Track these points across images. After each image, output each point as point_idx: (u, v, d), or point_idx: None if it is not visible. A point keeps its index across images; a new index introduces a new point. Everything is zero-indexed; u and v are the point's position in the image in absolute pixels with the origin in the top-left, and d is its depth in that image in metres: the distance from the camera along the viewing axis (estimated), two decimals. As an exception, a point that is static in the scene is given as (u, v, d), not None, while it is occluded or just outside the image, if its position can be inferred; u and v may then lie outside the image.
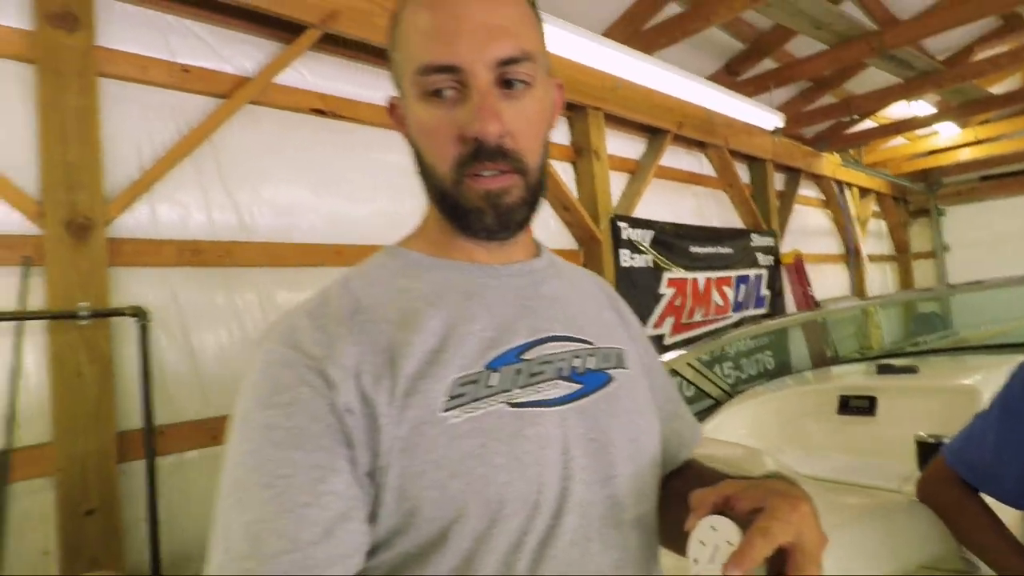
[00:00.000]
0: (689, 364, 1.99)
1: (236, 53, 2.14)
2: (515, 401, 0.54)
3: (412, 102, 0.56)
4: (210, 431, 1.93)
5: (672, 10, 3.10)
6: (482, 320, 0.57)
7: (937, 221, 7.47)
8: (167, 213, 1.94)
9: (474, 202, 0.56)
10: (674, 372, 1.94)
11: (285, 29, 2.18)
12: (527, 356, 0.57)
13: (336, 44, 2.33)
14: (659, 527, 0.63)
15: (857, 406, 1.77)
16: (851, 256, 6.06)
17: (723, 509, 0.47)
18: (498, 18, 0.54)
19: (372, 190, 2.44)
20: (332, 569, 0.46)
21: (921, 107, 4.95)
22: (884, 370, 1.93)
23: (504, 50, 0.53)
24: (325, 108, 2.33)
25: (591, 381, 0.60)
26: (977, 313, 5.54)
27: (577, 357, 0.60)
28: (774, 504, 0.46)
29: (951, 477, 0.98)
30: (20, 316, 1.60)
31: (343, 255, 2.30)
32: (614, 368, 0.63)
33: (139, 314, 1.73)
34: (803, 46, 3.83)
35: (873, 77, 4.43)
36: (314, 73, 2.32)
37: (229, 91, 2.07)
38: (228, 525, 0.47)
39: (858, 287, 6.05)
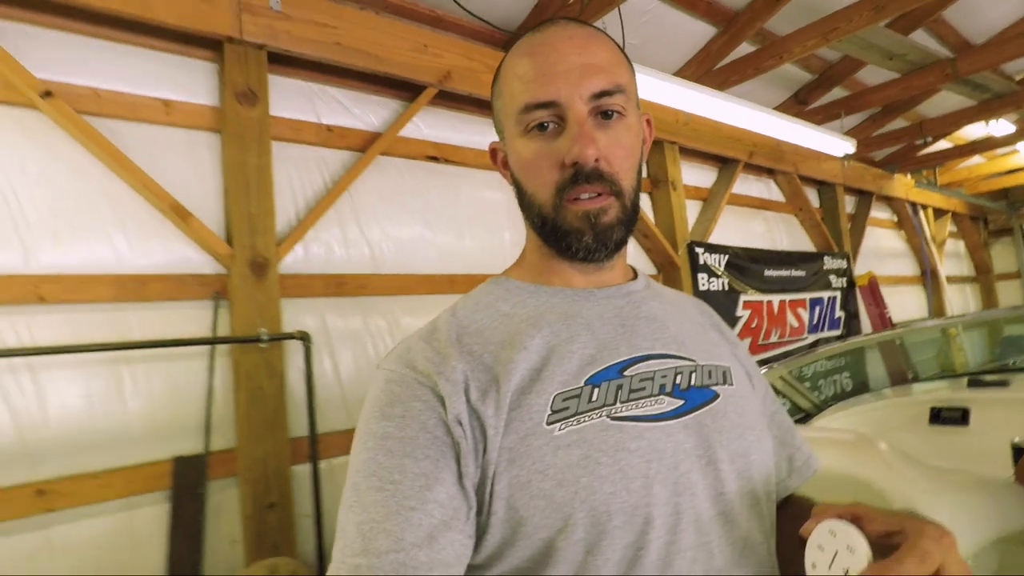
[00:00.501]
0: (781, 377, 2.15)
1: (366, 111, 2.49)
2: (616, 415, 0.55)
3: (514, 139, 0.62)
4: (351, 440, 2.22)
5: (744, 49, 3.30)
6: (582, 339, 0.60)
7: (1020, 240, 7.21)
8: (315, 251, 2.27)
9: (573, 223, 0.60)
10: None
11: (405, 88, 2.52)
12: (628, 372, 0.58)
13: (446, 99, 2.65)
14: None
15: (949, 417, 1.88)
16: (927, 277, 5.96)
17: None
18: (590, 57, 0.60)
19: (476, 225, 2.74)
20: (432, 573, 0.49)
21: (999, 126, 4.91)
22: (975, 384, 2.03)
23: (598, 84, 0.59)
24: (438, 155, 2.65)
25: (695, 397, 0.60)
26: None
27: (679, 374, 0.60)
28: (919, 530, 0.44)
29: None
30: (217, 341, 1.94)
31: (455, 283, 2.59)
32: (720, 385, 0.63)
33: (304, 338, 2.05)
34: (874, 74, 3.93)
35: (947, 99, 4.46)
36: (428, 125, 2.65)
37: (362, 145, 2.42)
38: (345, 525, 0.52)
39: (936, 309, 5.93)
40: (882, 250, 5.56)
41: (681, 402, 0.59)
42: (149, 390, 1.88)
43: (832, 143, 4.09)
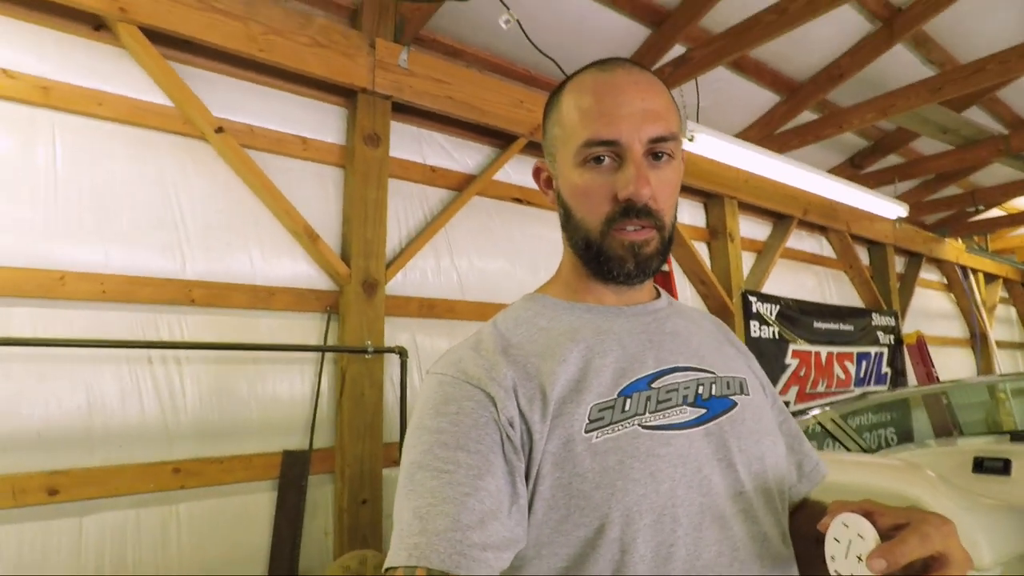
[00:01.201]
0: (832, 420, 2.30)
1: (464, 156, 2.79)
2: (647, 424, 0.60)
3: (570, 168, 0.66)
4: (432, 449, 2.45)
5: (807, 116, 3.53)
6: (614, 353, 0.64)
7: (1072, 310, 7.13)
8: (412, 276, 2.54)
9: (618, 251, 0.65)
10: (820, 425, 2.27)
11: (498, 137, 2.81)
12: (655, 384, 0.63)
13: (534, 148, 2.94)
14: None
15: (992, 467, 2.01)
16: (977, 340, 5.96)
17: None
18: (651, 104, 0.65)
19: (551, 261, 2.96)
20: (484, 553, 0.52)
21: (1052, 198, 4.99)
22: (1017, 438, 2.15)
23: (656, 130, 0.64)
24: (522, 198, 2.92)
25: (716, 406, 0.65)
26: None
27: (701, 385, 0.66)
28: (922, 518, 0.49)
29: None
30: (329, 349, 2.21)
31: (529, 315, 2.82)
32: (737, 395, 0.68)
33: (402, 352, 2.30)
34: (928, 144, 4.10)
35: (1000, 170, 4.59)
36: (515, 170, 2.94)
37: (458, 184, 2.71)
38: (401, 512, 0.55)
39: (985, 371, 5.91)
40: (931, 311, 5.62)
41: (704, 411, 0.64)
42: (268, 389, 2.14)
43: (884, 206, 4.24)
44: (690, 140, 2.88)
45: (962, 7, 2.80)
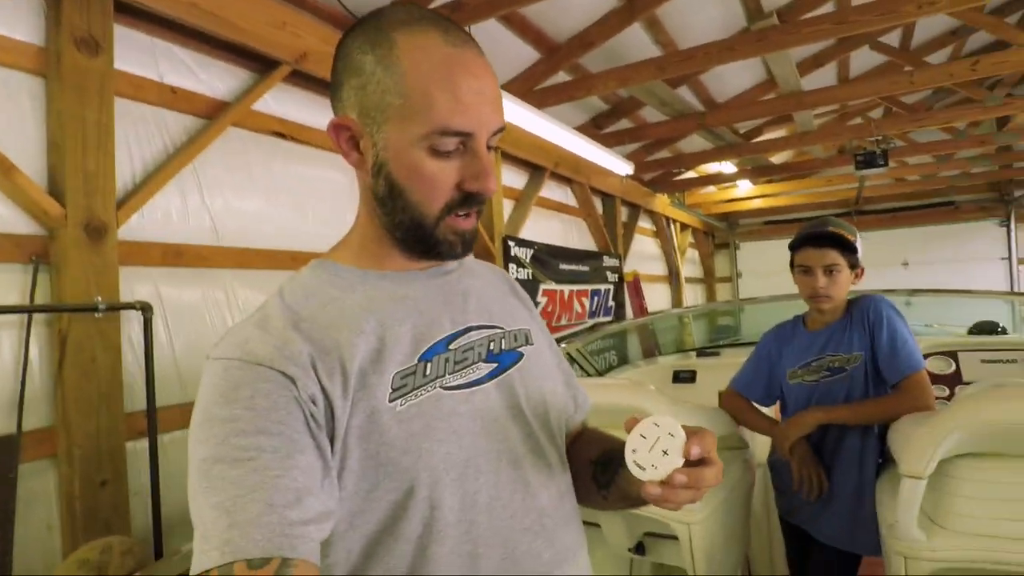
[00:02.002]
0: (577, 350, 2.72)
1: (213, 77, 2.40)
2: (448, 385, 0.63)
3: (412, 148, 0.61)
4: (190, 413, 2.19)
5: (561, 77, 3.85)
6: (412, 319, 0.64)
7: (734, 253, 9.33)
8: (152, 218, 2.16)
9: (449, 237, 0.65)
10: (568, 355, 2.66)
11: (256, 60, 2.49)
12: (453, 346, 0.65)
13: (297, 77, 2.67)
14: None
15: (685, 377, 2.67)
16: (673, 277, 7.42)
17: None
18: (496, 92, 0.64)
19: (320, 205, 2.81)
20: (306, 528, 0.51)
21: (727, 167, 6.34)
22: (701, 354, 2.91)
23: (499, 122, 0.64)
24: (284, 132, 2.66)
25: (506, 359, 0.70)
26: (758, 322, 7.17)
27: (492, 341, 0.69)
28: (700, 428, 0.59)
29: (733, 393, 1.77)
30: (42, 309, 1.78)
31: (297, 260, 2.64)
32: (523, 346, 0.73)
33: (145, 308, 1.97)
34: (651, 114, 4.83)
35: (697, 141, 5.65)
36: (276, 100, 2.64)
37: (207, 112, 2.34)
38: (200, 511, 0.51)
39: (677, 302, 7.42)
40: (644, 253, 6.79)
41: (495, 365, 0.68)
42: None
43: (617, 163, 4.91)
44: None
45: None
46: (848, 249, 1.55)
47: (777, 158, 6.74)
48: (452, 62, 0.60)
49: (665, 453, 0.55)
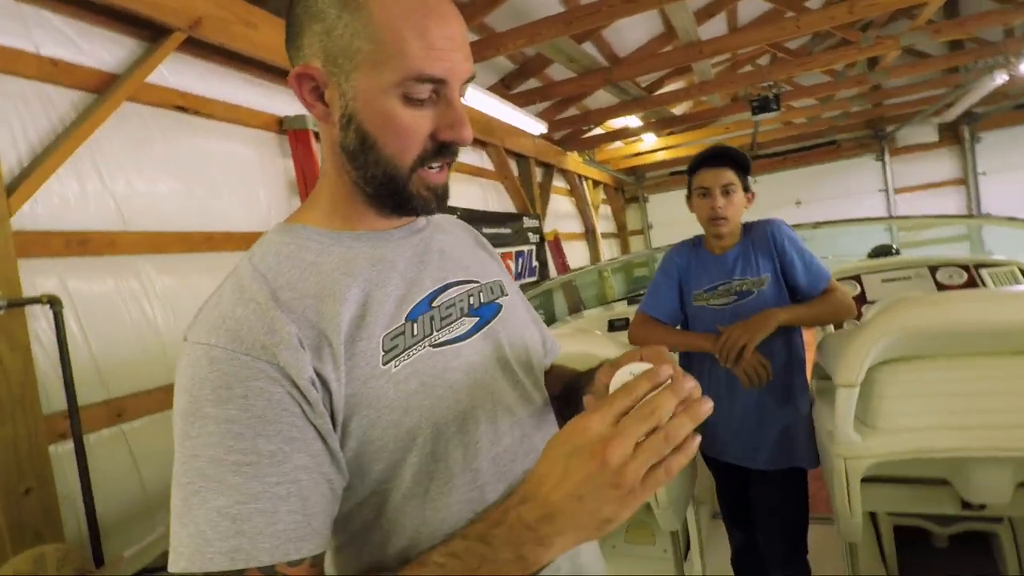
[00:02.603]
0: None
1: (96, 47, 2.20)
2: (436, 342, 0.64)
3: (384, 96, 0.58)
4: (115, 410, 2.07)
5: (470, 36, 3.81)
6: (394, 281, 0.64)
7: (644, 206, 9.71)
8: (49, 205, 1.98)
9: (422, 191, 0.63)
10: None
11: (143, 27, 2.30)
12: (435, 304, 0.66)
13: (193, 46, 2.49)
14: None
15: (619, 325, 2.80)
16: (589, 234, 7.64)
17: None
18: (466, 39, 0.62)
19: (231, 181, 2.67)
20: (312, 525, 0.52)
21: (633, 121, 6.55)
22: (631, 302, 3.05)
23: (471, 70, 0.62)
24: (186, 105, 2.49)
25: (486, 312, 0.71)
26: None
27: (471, 295, 0.71)
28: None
29: (646, 318, 1.71)
30: (-67, 310, 1.61)
31: (213, 241, 2.52)
32: (500, 297, 0.75)
33: (53, 302, 1.82)
34: (559, 71, 4.89)
35: (603, 97, 5.79)
36: (173, 72, 2.46)
37: (96, 86, 2.15)
38: (196, 510, 0.50)
39: (595, 257, 7.67)
40: (560, 212, 6.93)
41: (477, 319, 0.69)
42: None
43: (530, 123, 4.96)
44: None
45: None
46: (742, 168, 1.62)
47: (678, 109, 7.04)
48: (422, 5, 0.58)
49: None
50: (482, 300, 0.72)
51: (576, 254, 7.14)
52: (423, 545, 0.59)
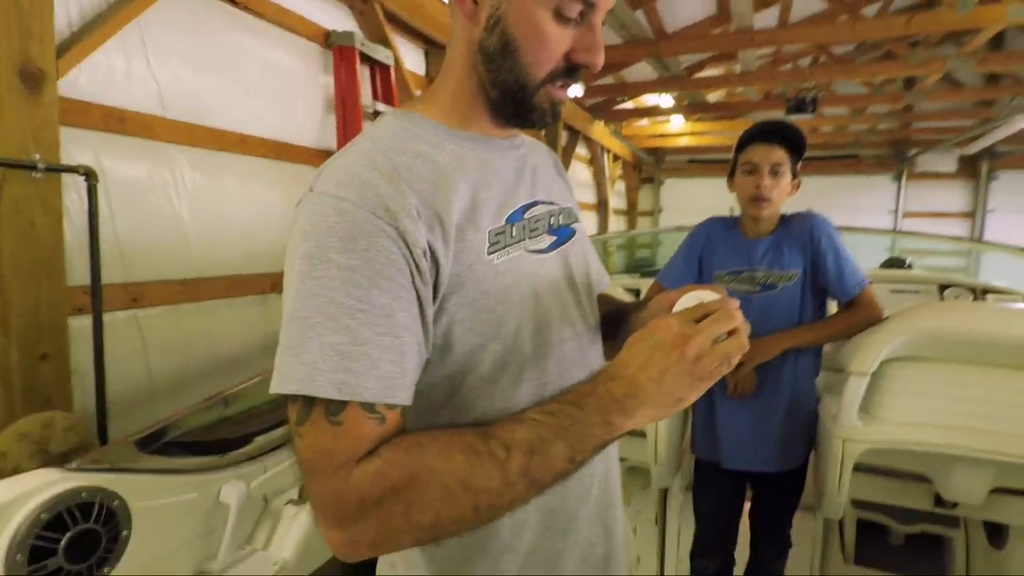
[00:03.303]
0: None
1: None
2: (530, 249, 0.70)
3: (537, 6, 0.62)
4: (132, 294, 2.07)
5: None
6: (496, 186, 0.69)
7: (658, 188, 9.67)
8: (94, 77, 1.94)
9: (544, 105, 0.67)
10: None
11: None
12: (527, 216, 0.72)
13: (252, -62, 2.41)
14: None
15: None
16: (601, 206, 7.62)
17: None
18: None
19: (272, 87, 2.62)
20: (404, 381, 0.58)
21: (666, 100, 6.47)
22: (645, 274, 3.06)
23: (612, 1, 0.67)
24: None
25: (563, 234, 0.77)
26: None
27: (552, 216, 0.76)
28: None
29: (657, 287, 1.68)
30: (-27, 160, 1.58)
31: (246, 144, 2.49)
32: (574, 223, 0.81)
33: (89, 174, 1.80)
34: (604, 36, 4.79)
35: (641, 71, 5.69)
36: (228, -38, 2.38)
37: (152, -39, 2.08)
38: (310, 344, 0.55)
39: (603, 231, 7.67)
40: (576, 180, 6.89)
41: (555, 238, 0.75)
42: None
43: (566, 84, 4.88)
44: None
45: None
46: (797, 150, 1.53)
47: (712, 97, 6.95)
48: None
49: None
50: (560, 222, 0.77)
51: (585, 226, 7.12)
52: None
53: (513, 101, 0.67)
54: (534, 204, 0.73)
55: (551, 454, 0.56)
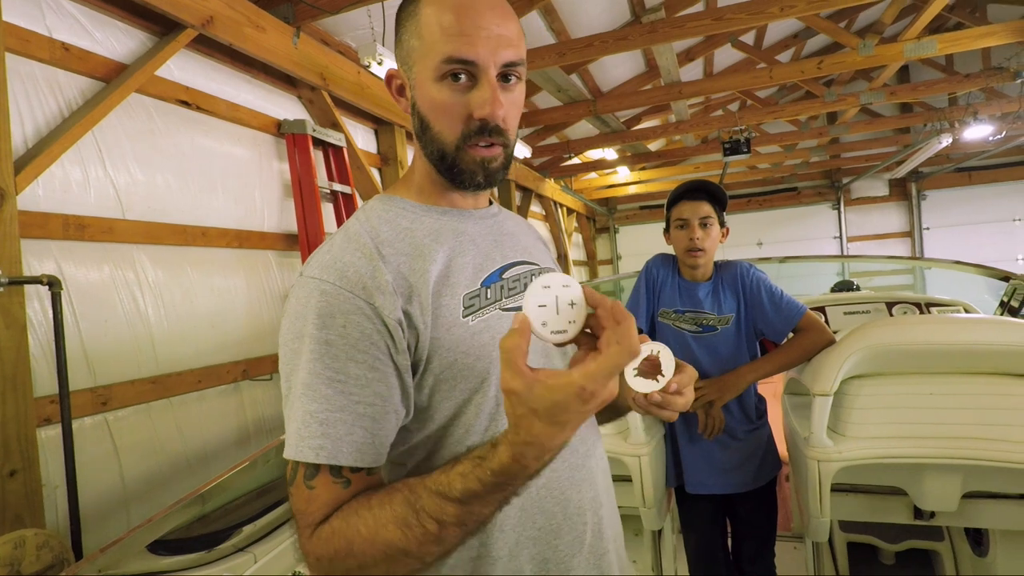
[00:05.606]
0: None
1: (108, 37, 2.22)
2: (504, 307, 0.75)
3: (428, 82, 0.69)
4: (100, 398, 2.04)
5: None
6: (471, 252, 0.75)
7: (614, 236, 9.97)
8: (52, 188, 1.97)
9: (470, 165, 0.71)
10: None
11: (155, 22, 2.33)
12: (505, 276, 0.77)
13: (201, 43, 2.53)
14: None
15: None
16: (562, 259, 7.80)
17: None
18: (506, 29, 0.70)
19: (229, 179, 2.69)
20: (375, 444, 0.63)
21: (610, 153, 6.79)
22: None
23: (509, 55, 0.69)
24: (190, 101, 2.51)
25: None
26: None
27: (532, 274, 0.81)
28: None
29: None
30: (-68, 281, 1.58)
31: (208, 236, 2.52)
32: None
33: (53, 283, 1.81)
34: (544, 98, 5.07)
35: (582, 127, 6.00)
36: (179, 67, 2.49)
37: (105, 74, 2.17)
38: (294, 411, 0.63)
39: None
40: (535, 237, 7.06)
41: None
42: None
43: (517, 146, 5.10)
44: (379, 64, 2.93)
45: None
46: (719, 203, 1.67)
47: (653, 146, 7.33)
48: (462, 4, 0.69)
49: (572, 305, 0.55)
50: None
51: (547, 278, 7.26)
52: None
53: (444, 168, 0.73)
54: (512, 265, 0.78)
55: (486, 503, 0.57)
